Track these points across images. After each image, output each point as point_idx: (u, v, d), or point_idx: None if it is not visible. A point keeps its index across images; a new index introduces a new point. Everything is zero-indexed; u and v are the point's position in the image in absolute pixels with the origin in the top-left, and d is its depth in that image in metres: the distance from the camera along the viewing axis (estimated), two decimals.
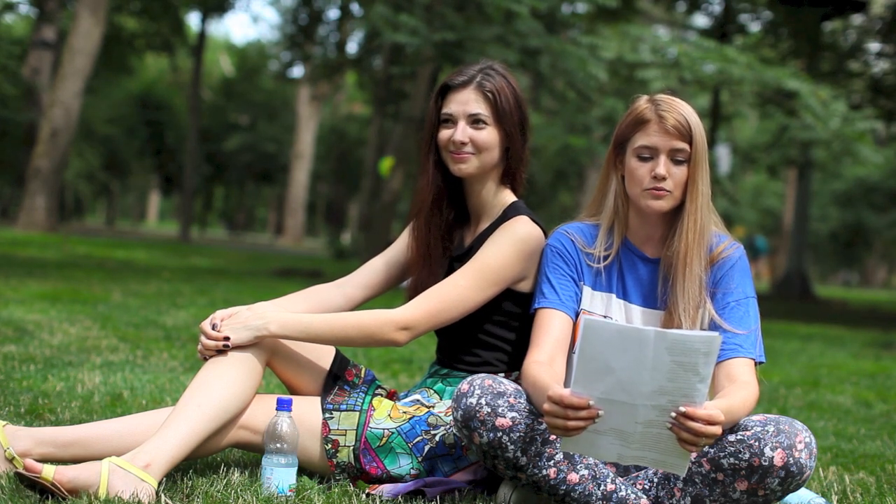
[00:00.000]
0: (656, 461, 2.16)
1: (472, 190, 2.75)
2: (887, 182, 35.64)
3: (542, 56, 12.31)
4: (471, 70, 2.71)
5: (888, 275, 53.87)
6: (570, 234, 2.62)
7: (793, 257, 22.37)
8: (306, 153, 35.28)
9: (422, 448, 2.59)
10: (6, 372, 4.04)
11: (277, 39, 36.05)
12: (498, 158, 2.71)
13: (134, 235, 29.24)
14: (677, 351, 2.03)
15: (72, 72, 18.46)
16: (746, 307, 2.50)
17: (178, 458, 2.40)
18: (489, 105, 2.66)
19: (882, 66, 20.79)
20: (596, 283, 2.59)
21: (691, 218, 2.48)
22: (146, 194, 60.63)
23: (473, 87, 2.68)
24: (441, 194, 2.76)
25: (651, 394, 2.07)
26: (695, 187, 2.47)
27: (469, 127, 2.67)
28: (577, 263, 2.59)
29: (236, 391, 2.53)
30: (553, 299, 2.55)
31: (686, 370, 2.04)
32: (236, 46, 48.54)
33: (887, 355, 8.50)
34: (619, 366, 2.06)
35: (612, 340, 2.06)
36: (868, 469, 3.37)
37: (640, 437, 2.13)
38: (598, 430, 2.14)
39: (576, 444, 2.18)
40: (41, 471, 2.24)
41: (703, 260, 2.50)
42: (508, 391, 2.37)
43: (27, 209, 18.99)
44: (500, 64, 2.76)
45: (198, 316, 6.86)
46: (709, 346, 2.02)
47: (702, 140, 2.47)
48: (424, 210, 2.77)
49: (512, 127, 2.69)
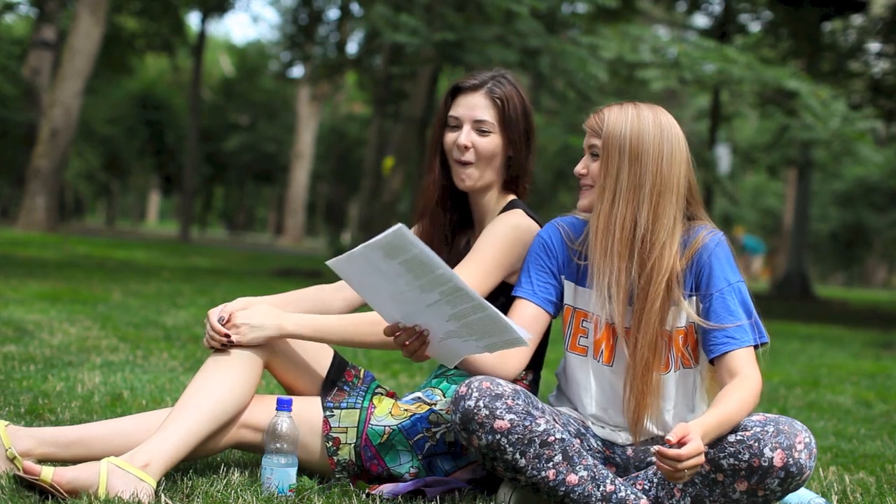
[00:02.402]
0: (507, 342, 2.32)
1: (475, 200, 2.77)
2: (887, 182, 35.63)
3: (542, 56, 12.30)
4: (483, 75, 2.72)
5: (888, 275, 53.87)
6: (560, 228, 2.63)
7: (793, 257, 22.37)
8: (306, 153, 35.29)
9: (422, 445, 2.59)
10: (6, 372, 4.04)
11: (277, 39, 36.06)
12: (500, 168, 2.71)
13: (134, 235, 29.24)
14: (392, 253, 2.16)
15: (72, 72, 18.46)
16: (731, 295, 2.46)
17: (177, 457, 2.40)
18: (496, 111, 2.67)
19: (882, 66, 20.77)
20: (579, 279, 2.59)
21: (597, 207, 2.49)
22: (146, 194, 60.63)
23: (483, 93, 2.68)
24: (445, 194, 2.77)
25: (420, 294, 2.24)
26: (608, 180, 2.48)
27: (473, 132, 2.67)
28: (561, 257, 2.60)
29: (235, 391, 2.53)
30: (527, 289, 2.59)
31: (415, 262, 2.17)
32: (236, 46, 48.52)
33: (887, 355, 8.50)
34: (381, 285, 2.26)
35: (355, 269, 2.25)
36: (868, 469, 3.37)
37: (469, 328, 2.29)
38: (436, 339, 2.36)
39: (443, 359, 2.42)
40: (40, 472, 2.24)
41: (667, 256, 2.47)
42: (506, 393, 2.37)
43: (27, 209, 18.99)
44: (512, 74, 2.76)
45: (198, 316, 6.86)
46: (396, 235, 2.12)
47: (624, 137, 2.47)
48: (430, 208, 2.78)
49: (517, 135, 2.69)
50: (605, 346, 2.54)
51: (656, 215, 2.46)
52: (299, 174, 35.36)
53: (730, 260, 2.51)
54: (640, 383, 2.46)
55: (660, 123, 2.50)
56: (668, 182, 2.47)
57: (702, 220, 2.55)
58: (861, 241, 41.63)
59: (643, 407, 2.47)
